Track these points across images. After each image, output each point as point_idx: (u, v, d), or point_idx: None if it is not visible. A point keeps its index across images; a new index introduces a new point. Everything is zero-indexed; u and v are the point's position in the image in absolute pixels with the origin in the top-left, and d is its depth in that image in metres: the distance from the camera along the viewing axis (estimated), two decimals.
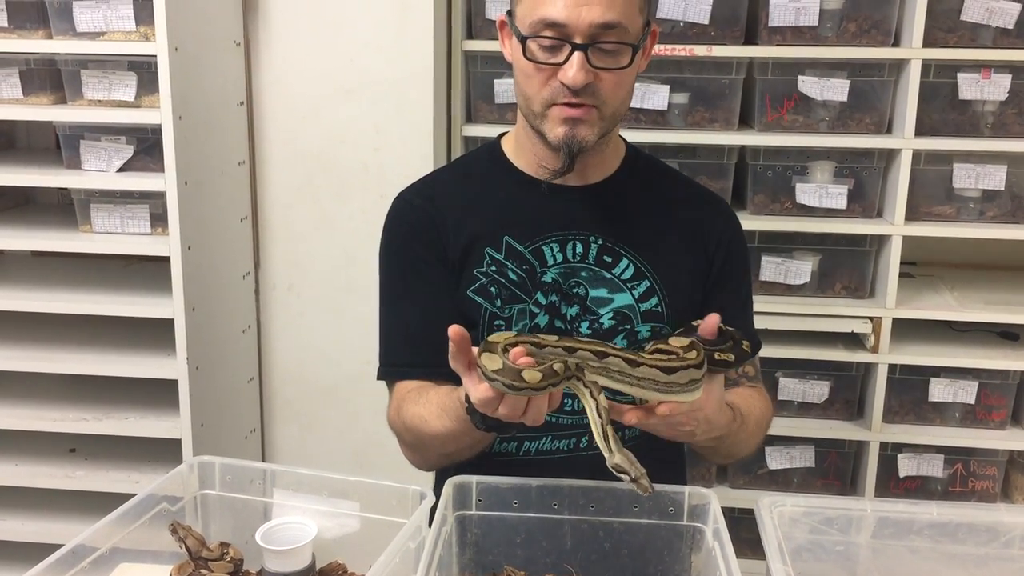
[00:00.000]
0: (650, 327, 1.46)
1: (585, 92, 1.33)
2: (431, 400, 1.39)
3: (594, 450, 1.43)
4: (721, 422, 1.28)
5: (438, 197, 1.52)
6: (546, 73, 1.34)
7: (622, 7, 1.31)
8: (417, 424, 1.40)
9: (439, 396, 1.38)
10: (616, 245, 1.47)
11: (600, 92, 1.34)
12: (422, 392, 1.43)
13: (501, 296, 1.46)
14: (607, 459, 1.14)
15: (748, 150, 2.38)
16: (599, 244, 1.47)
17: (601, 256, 1.47)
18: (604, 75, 1.33)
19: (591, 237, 1.47)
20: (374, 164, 2.44)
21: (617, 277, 1.46)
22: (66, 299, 2.28)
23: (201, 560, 1.29)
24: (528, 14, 1.33)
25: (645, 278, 1.47)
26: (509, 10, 1.41)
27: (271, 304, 2.58)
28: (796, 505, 1.24)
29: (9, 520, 2.39)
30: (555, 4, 1.30)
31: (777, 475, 2.51)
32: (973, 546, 1.22)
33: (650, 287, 1.47)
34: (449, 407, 1.33)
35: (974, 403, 2.41)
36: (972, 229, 2.35)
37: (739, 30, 2.32)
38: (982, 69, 2.26)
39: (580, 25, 1.29)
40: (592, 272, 1.46)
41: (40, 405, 2.36)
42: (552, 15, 1.30)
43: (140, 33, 2.11)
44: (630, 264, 1.47)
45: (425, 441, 1.41)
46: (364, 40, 2.38)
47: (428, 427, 1.38)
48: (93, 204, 2.27)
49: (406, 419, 1.43)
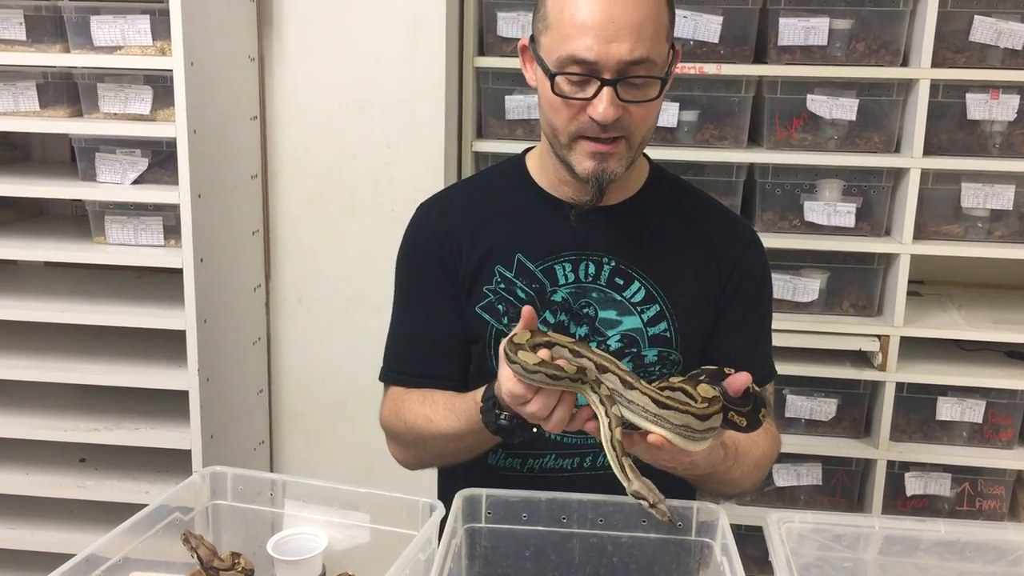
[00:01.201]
0: (657, 352, 1.46)
1: (614, 126, 1.32)
2: (437, 401, 1.42)
3: (598, 470, 1.45)
4: (704, 463, 1.26)
5: (455, 211, 1.53)
6: (575, 108, 1.33)
7: (650, 41, 1.30)
8: (420, 423, 1.43)
9: (446, 397, 1.41)
10: (629, 268, 1.47)
11: (628, 124, 1.34)
12: (427, 395, 1.46)
13: (508, 314, 1.46)
14: (626, 487, 1.16)
15: (757, 168, 2.39)
16: (612, 266, 1.47)
17: (613, 278, 1.47)
18: (632, 108, 1.32)
19: (604, 258, 1.47)
20: (385, 179, 2.46)
21: (627, 300, 1.46)
22: (79, 310, 2.29)
23: (213, 570, 1.30)
24: (555, 48, 1.32)
25: (655, 302, 1.46)
26: (532, 35, 1.40)
27: (281, 317, 2.59)
28: (804, 521, 1.24)
29: (19, 529, 2.40)
30: (583, 40, 1.28)
31: (784, 492, 2.50)
32: (981, 564, 1.22)
33: (660, 312, 1.46)
34: (459, 407, 1.35)
35: (982, 422, 2.40)
36: (980, 248, 2.36)
37: (748, 49, 2.33)
38: (990, 89, 2.27)
39: (609, 62, 1.28)
40: (603, 293, 1.46)
41: (51, 415, 2.37)
42: (581, 52, 1.28)
43: (156, 48, 2.13)
44: (641, 287, 1.47)
45: (427, 440, 1.44)
46: (376, 56, 2.40)
47: (433, 426, 1.42)
48: (107, 216, 2.29)
49: (407, 418, 1.46)
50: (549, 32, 1.33)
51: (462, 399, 1.38)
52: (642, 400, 1.16)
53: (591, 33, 1.28)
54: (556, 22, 1.32)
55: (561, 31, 1.31)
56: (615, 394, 1.18)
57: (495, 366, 1.46)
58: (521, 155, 1.58)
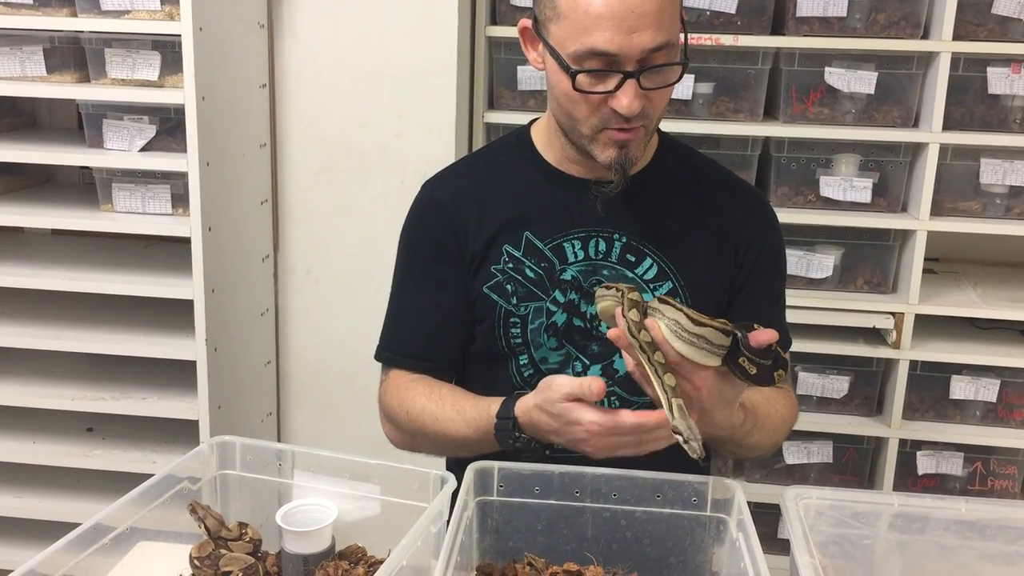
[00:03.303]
0: None
1: (637, 116, 1.28)
2: (445, 400, 1.41)
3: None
4: (723, 423, 1.25)
5: (461, 190, 1.50)
6: (596, 101, 1.28)
7: (669, 25, 1.25)
8: (425, 420, 1.43)
9: (456, 400, 1.40)
10: (640, 244, 1.44)
11: (650, 111, 1.30)
12: (433, 389, 1.45)
13: (517, 294, 1.44)
14: (670, 421, 1.14)
15: (772, 141, 2.36)
16: (623, 242, 1.44)
17: (624, 255, 1.44)
18: (653, 94, 1.29)
19: (615, 235, 1.44)
20: (395, 149, 2.43)
21: (640, 277, 1.44)
22: (86, 278, 2.28)
23: (221, 540, 1.29)
24: (571, 40, 1.25)
25: (668, 279, 1.44)
26: (535, 18, 1.34)
27: (289, 288, 2.58)
28: (822, 498, 1.22)
29: (26, 498, 2.40)
30: (603, 32, 1.22)
31: (794, 470, 2.49)
32: (1002, 543, 1.20)
33: (672, 289, 1.43)
34: (468, 415, 1.36)
35: (996, 401, 2.38)
36: (998, 225, 2.33)
37: (766, 20, 2.29)
38: (1012, 63, 2.23)
39: (632, 52, 1.23)
40: (614, 271, 1.44)
41: (58, 384, 2.37)
42: (601, 45, 1.23)
43: (165, 12, 2.10)
44: (654, 264, 1.44)
45: (428, 436, 1.44)
46: (388, 25, 2.36)
47: (438, 426, 1.41)
48: (115, 183, 2.27)
49: (411, 409, 1.45)
50: (561, 22, 1.26)
51: (472, 406, 1.36)
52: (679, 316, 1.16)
53: (611, 24, 1.22)
54: (570, 11, 1.25)
55: (576, 22, 1.24)
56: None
57: (504, 346, 1.45)
58: (526, 128, 1.53)
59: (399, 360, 1.54)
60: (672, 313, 1.16)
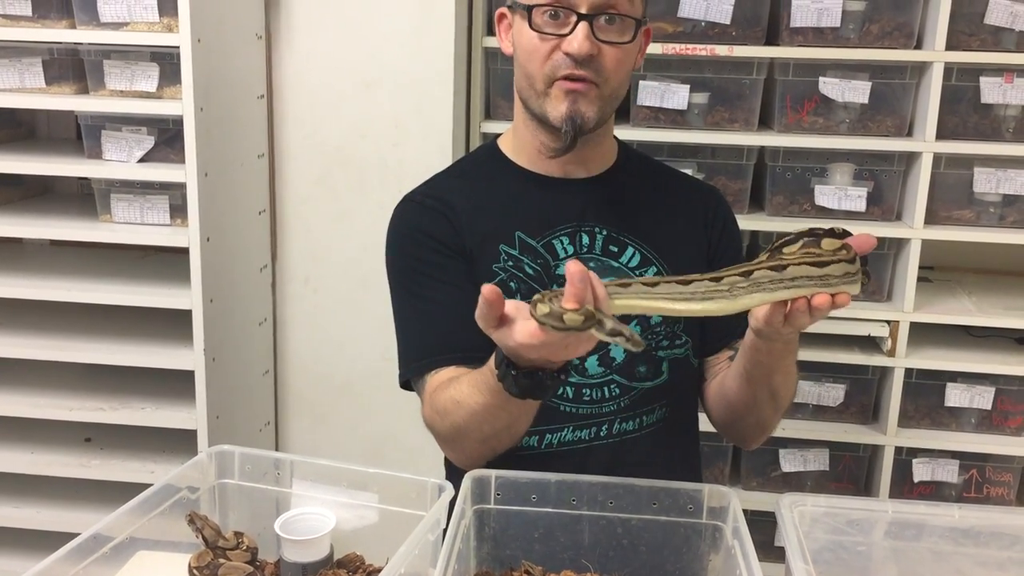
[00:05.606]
0: None
1: (588, 65, 1.36)
2: (462, 382, 1.34)
3: (614, 438, 1.47)
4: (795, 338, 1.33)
5: (446, 196, 1.52)
6: (549, 45, 1.37)
7: None
8: (451, 408, 1.34)
9: (470, 376, 1.33)
10: (620, 235, 1.50)
11: (602, 68, 1.37)
12: (453, 379, 1.38)
13: (520, 291, 1.46)
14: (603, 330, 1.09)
15: (767, 151, 2.37)
16: (604, 235, 1.50)
17: (607, 246, 1.50)
18: (607, 49, 1.36)
19: (596, 228, 1.50)
20: (393, 159, 2.45)
21: (624, 265, 1.49)
22: (84, 288, 2.28)
23: (219, 549, 1.29)
24: None
25: (651, 264, 1.50)
26: (509, 3, 1.44)
27: (287, 297, 2.58)
28: (817, 505, 1.23)
29: (25, 508, 2.40)
30: None
31: (791, 477, 2.50)
32: (995, 549, 1.21)
33: (657, 272, 1.49)
34: (481, 381, 1.28)
35: (990, 409, 2.39)
36: (992, 234, 2.34)
37: (760, 30, 2.31)
38: (1005, 73, 2.24)
39: None
40: (600, 263, 1.48)
41: (57, 394, 2.37)
42: None
43: (163, 24, 2.11)
44: (635, 252, 1.50)
45: (460, 426, 1.34)
46: (385, 35, 2.38)
47: (461, 409, 1.32)
48: (113, 194, 2.28)
49: (438, 406, 1.37)
50: None
51: (483, 373, 1.29)
52: (803, 271, 1.13)
53: None
54: None
55: None
56: (771, 284, 1.15)
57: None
58: (493, 142, 1.60)
59: (428, 363, 1.45)
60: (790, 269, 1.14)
